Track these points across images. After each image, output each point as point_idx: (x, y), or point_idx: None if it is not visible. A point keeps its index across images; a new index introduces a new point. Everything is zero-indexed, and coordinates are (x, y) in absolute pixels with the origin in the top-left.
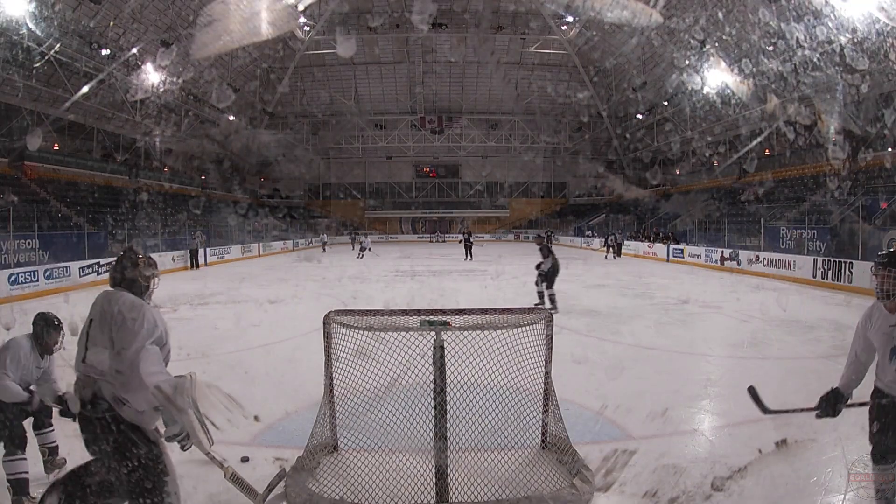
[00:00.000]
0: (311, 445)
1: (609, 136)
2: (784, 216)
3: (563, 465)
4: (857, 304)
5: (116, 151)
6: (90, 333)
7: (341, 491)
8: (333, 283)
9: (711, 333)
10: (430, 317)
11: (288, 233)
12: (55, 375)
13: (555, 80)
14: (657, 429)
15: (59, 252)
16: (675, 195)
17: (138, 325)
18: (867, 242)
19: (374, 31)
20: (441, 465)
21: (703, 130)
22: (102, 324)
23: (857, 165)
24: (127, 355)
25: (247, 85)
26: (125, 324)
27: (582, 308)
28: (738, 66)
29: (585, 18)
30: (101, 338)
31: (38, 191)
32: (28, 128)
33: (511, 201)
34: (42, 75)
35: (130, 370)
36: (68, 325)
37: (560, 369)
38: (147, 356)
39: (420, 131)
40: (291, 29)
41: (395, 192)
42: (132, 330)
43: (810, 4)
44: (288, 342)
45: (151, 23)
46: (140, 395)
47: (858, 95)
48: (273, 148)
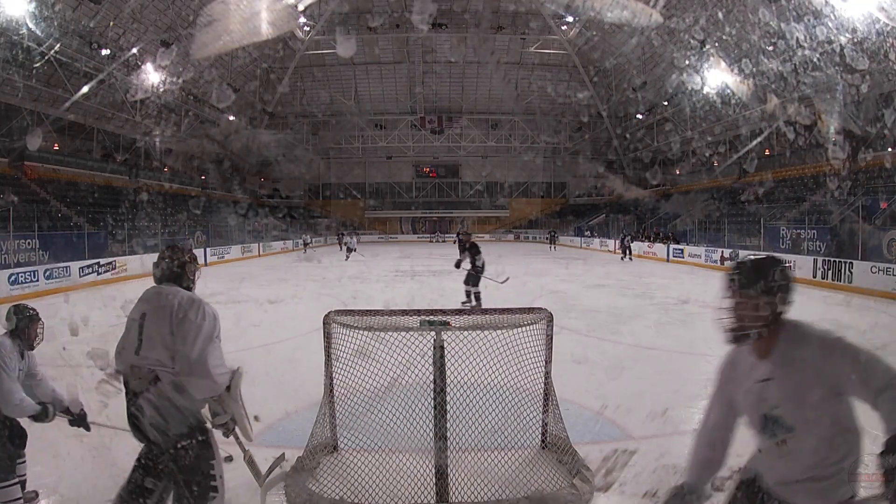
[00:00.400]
0: (311, 445)
1: (609, 136)
2: (784, 216)
3: (563, 465)
4: (857, 304)
5: (116, 151)
6: (144, 327)
7: (341, 491)
8: (333, 283)
9: (711, 333)
10: (430, 317)
11: (288, 233)
12: (42, 375)
13: (555, 80)
14: (657, 429)
15: (59, 252)
16: (675, 195)
17: (200, 319)
18: (867, 242)
19: (374, 31)
20: (441, 465)
21: (703, 130)
22: (159, 318)
23: (857, 165)
24: (194, 349)
25: (247, 85)
26: (187, 318)
27: (582, 308)
28: (738, 66)
29: (585, 18)
30: (158, 332)
31: (38, 191)
32: (28, 128)
33: (511, 201)
34: (42, 75)
35: (197, 363)
36: (68, 324)
37: (560, 369)
38: (213, 351)
39: (420, 131)
40: (291, 29)
41: (395, 192)
42: (196, 323)
43: (810, 4)
44: (288, 342)
45: (151, 23)
46: (201, 385)
47: (858, 95)
48: (273, 148)
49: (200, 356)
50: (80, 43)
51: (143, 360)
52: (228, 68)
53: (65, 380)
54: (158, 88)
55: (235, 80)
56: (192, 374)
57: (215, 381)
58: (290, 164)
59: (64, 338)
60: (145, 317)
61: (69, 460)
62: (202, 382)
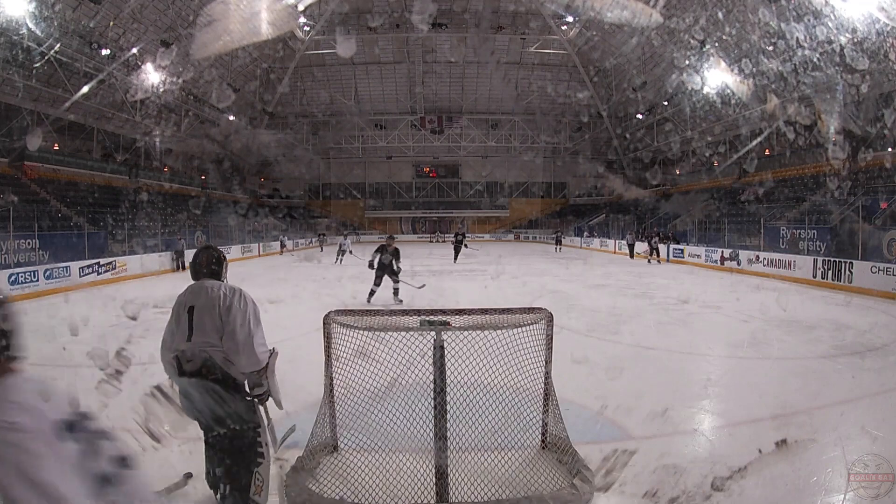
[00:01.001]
0: (311, 445)
1: (609, 136)
2: (784, 216)
3: (563, 465)
4: (857, 304)
5: (116, 151)
6: (194, 318)
7: (341, 491)
8: (333, 283)
9: (711, 333)
10: (430, 317)
11: (288, 233)
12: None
13: (555, 80)
14: (657, 429)
15: (59, 252)
16: (675, 195)
17: (244, 306)
18: (867, 242)
19: (374, 31)
20: (441, 465)
21: (703, 130)
22: (208, 309)
23: (857, 165)
24: (242, 331)
25: (247, 85)
26: (233, 306)
27: (582, 308)
28: (738, 66)
29: (585, 18)
30: (210, 319)
31: (38, 191)
32: (28, 128)
33: (511, 201)
34: (42, 75)
35: (245, 342)
36: (68, 324)
37: (560, 369)
38: (257, 332)
39: (420, 131)
40: (291, 29)
41: (395, 192)
42: (241, 310)
43: (810, 4)
44: (288, 342)
45: (151, 23)
46: (246, 360)
47: (858, 95)
48: (273, 148)
49: (247, 337)
50: (80, 43)
51: (195, 345)
52: (228, 68)
53: (65, 380)
54: (158, 88)
55: (235, 80)
56: (240, 352)
57: (258, 357)
58: (290, 164)
59: (64, 338)
60: (193, 310)
61: None
62: (248, 359)
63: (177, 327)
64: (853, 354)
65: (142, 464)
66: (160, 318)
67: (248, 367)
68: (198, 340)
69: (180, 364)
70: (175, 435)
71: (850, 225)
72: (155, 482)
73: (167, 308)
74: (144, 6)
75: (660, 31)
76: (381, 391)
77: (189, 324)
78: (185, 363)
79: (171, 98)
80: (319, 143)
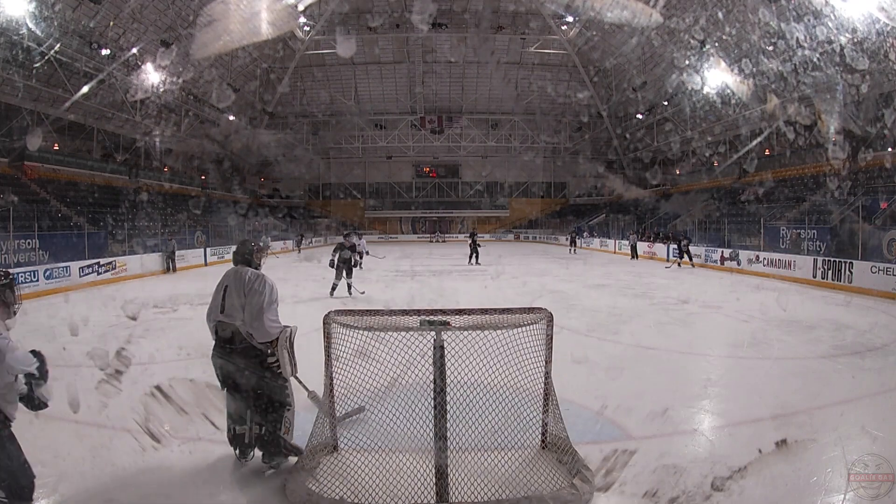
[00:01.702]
0: (311, 445)
1: (609, 136)
2: (784, 216)
3: (563, 465)
4: (857, 304)
5: (116, 151)
6: (226, 296)
7: (341, 491)
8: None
9: (711, 333)
10: (430, 317)
11: (288, 233)
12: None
13: (555, 80)
14: (657, 429)
15: (59, 252)
16: (675, 195)
17: (262, 288)
18: (867, 242)
19: (374, 31)
20: (441, 465)
21: (703, 130)
22: (237, 289)
23: (857, 165)
24: (255, 308)
25: (247, 85)
26: (254, 288)
27: (582, 308)
28: (738, 66)
29: (585, 18)
30: (237, 298)
31: (38, 191)
32: (28, 128)
33: (511, 201)
34: (42, 75)
35: (259, 318)
36: (68, 324)
37: (560, 369)
38: (270, 311)
39: (420, 131)
40: (291, 29)
41: (395, 192)
42: (260, 292)
43: (810, 4)
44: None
45: (151, 23)
46: (261, 333)
47: (858, 95)
48: (273, 148)
49: (259, 313)
50: (80, 43)
51: (227, 317)
52: (228, 68)
53: (65, 380)
54: (158, 88)
55: (235, 80)
56: (253, 325)
57: (268, 331)
58: (290, 164)
59: (64, 338)
60: (227, 289)
61: (69, 460)
62: (258, 331)
63: (214, 302)
64: (853, 354)
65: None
66: (160, 318)
67: (260, 338)
68: (229, 314)
69: (217, 331)
70: (175, 435)
71: (850, 225)
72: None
73: (167, 308)
74: (144, 6)
75: (660, 31)
76: (381, 391)
77: (222, 300)
78: (221, 331)
79: (171, 98)
80: (319, 143)
